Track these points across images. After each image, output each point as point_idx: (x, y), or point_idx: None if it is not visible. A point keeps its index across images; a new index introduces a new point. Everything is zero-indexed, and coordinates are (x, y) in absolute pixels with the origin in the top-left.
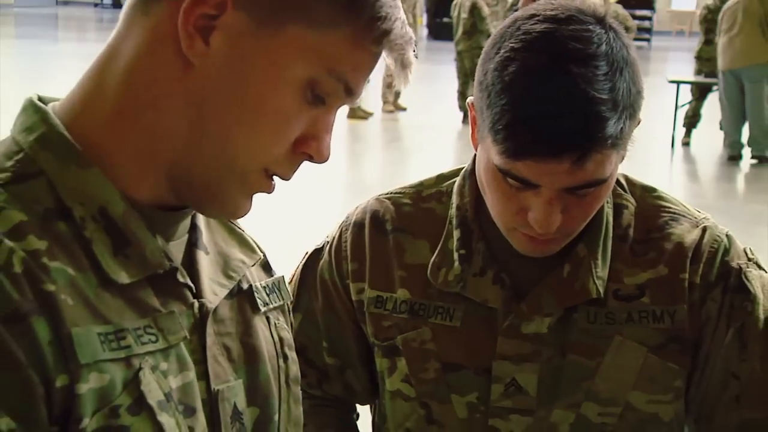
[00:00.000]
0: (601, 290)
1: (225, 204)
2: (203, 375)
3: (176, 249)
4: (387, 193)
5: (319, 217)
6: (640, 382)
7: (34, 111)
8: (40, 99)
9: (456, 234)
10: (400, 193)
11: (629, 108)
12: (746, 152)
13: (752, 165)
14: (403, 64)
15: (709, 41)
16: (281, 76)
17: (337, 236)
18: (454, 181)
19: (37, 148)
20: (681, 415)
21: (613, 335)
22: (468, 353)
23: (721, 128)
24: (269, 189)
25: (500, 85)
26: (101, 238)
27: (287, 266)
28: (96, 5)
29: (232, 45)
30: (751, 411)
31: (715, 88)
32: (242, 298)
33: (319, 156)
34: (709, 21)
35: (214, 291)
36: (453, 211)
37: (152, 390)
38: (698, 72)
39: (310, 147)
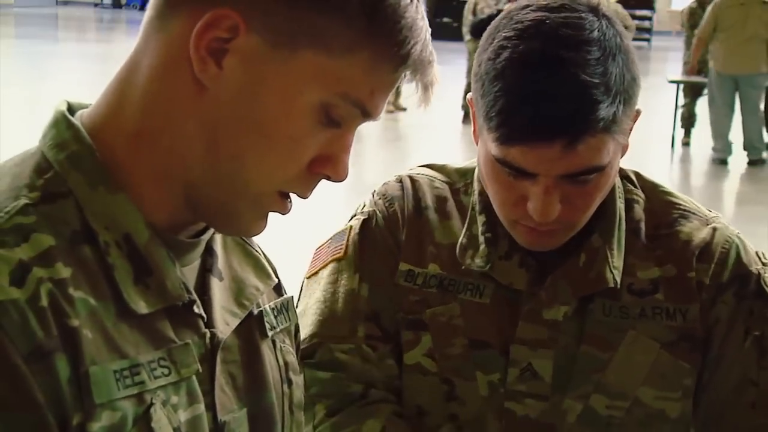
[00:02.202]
0: (618, 279)
1: (240, 224)
2: (210, 406)
3: (189, 274)
4: (419, 173)
5: (319, 217)
6: (651, 378)
7: (67, 127)
8: (69, 107)
9: (480, 219)
10: (432, 177)
11: (623, 93)
12: (734, 156)
13: (749, 167)
14: (425, 86)
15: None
16: (294, 100)
17: (384, 207)
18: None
19: (68, 167)
20: (688, 413)
21: (627, 330)
22: (495, 331)
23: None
24: (284, 210)
25: (493, 72)
26: (123, 265)
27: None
28: (96, 5)
29: (246, 68)
30: (767, 417)
31: (705, 91)
32: (251, 323)
33: (337, 176)
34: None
35: (225, 320)
36: (475, 197)
37: (162, 426)
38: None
39: (326, 167)
